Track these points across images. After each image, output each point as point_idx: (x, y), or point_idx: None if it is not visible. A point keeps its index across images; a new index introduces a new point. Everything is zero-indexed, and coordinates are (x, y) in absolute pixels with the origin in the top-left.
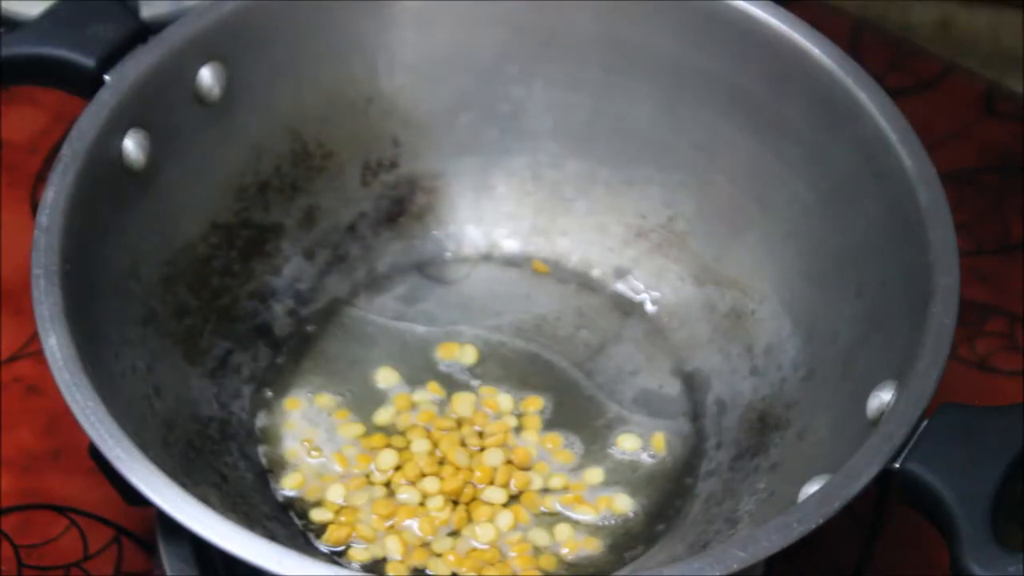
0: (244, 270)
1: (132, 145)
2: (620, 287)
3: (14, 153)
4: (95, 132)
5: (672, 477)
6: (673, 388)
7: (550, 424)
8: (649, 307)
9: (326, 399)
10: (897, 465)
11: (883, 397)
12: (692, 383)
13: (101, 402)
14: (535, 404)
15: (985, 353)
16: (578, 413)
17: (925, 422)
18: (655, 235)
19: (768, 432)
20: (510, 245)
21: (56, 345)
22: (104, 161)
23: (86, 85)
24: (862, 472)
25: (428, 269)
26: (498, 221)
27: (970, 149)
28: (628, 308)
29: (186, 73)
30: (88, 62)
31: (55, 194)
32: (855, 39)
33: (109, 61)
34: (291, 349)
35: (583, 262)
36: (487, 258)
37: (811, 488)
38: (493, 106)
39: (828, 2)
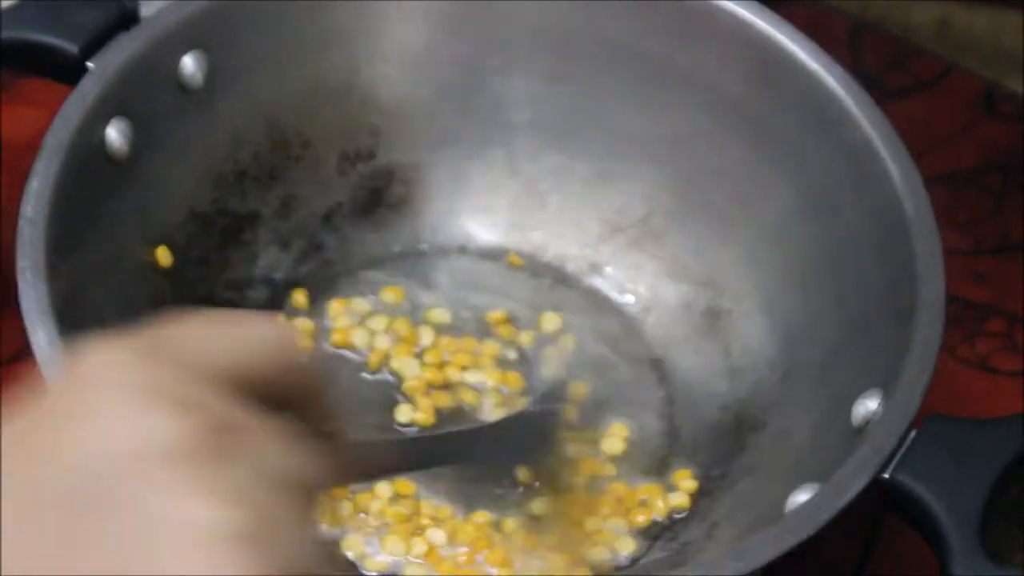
0: (220, 259)
1: (115, 133)
2: (596, 282)
3: (14, 153)
4: (78, 121)
5: (647, 476)
6: (648, 386)
7: None
8: (625, 303)
9: None
10: (886, 475)
11: (869, 405)
12: (667, 381)
13: None
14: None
15: (985, 353)
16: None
17: (913, 433)
18: (632, 231)
19: (744, 433)
20: (486, 238)
21: (43, 339)
22: (87, 150)
23: (69, 71)
24: (850, 483)
25: (404, 260)
26: (474, 214)
27: (970, 149)
28: (603, 304)
29: (169, 61)
30: (71, 48)
31: (39, 184)
32: (855, 39)
33: (93, 47)
34: None
35: (558, 256)
36: (463, 250)
37: (799, 496)
38: (472, 98)
39: (828, 2)
